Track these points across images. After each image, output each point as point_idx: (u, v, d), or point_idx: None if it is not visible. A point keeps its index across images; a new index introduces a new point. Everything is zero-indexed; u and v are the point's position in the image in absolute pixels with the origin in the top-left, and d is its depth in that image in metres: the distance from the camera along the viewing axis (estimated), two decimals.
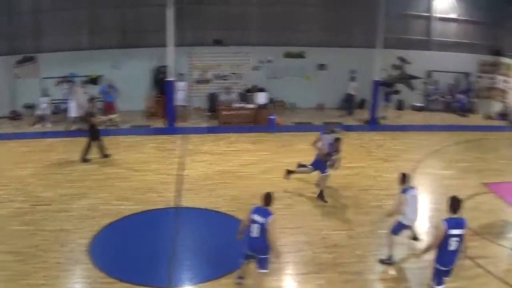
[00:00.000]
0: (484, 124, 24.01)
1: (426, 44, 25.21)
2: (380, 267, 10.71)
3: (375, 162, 17.28)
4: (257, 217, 8.82)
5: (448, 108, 25.40)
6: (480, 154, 18.96)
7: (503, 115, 24.95)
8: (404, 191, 10.51)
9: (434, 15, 25.08)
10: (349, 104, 23.84)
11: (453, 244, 8.44)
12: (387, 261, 10.78)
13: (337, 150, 14.02)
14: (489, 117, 25.04)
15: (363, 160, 17.08)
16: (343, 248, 11.45)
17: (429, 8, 25.02)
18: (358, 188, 14.70)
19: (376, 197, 14.31)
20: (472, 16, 25.54)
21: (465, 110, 25.22)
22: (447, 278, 8.84)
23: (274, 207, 9.14)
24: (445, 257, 8.59)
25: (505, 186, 15.90)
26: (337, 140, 13.94)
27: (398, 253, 11.00)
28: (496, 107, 25.85)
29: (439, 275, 8.76)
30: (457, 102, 25.42)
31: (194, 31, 22.72)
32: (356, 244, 11.63)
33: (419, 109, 25.17)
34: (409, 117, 23.87)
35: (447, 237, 8.40)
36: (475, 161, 18.17)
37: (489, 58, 26.15)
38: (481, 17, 25.55)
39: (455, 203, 8.56)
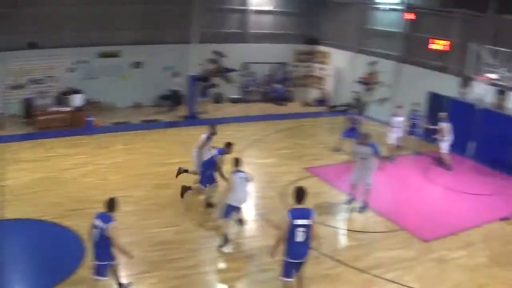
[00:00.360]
0: (302, 111, 24.83)
1: (242, 37, 25.43)
2: (214, 258, 10.63)
3: None
4: (98, 222, 8.26)
5: (266, 98, 25.87)
6: (300, 140, 19.46)
7: (320, 101, 26.07)
8: (233, 173, 10.92)
9: (250, 8, 25.36)
10: (174, 100, 23.27)
11: (299, 235, 8.18)
12: (225, 245, 10.89)
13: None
14: (307, 104, 25.99)
15: (182, 156, 16.56)
16: (172, 244, 11.10)
17: (244, 2, 25.23)
18: (180, 184, 14.14)
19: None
20: (286, 7, 26.31)
21: (282, 99, 25.88)
22: (297, 272, 8.60)
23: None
24: (292, 248, 8.32)
25: (325, 169, 16.56)
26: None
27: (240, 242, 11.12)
28: (314, 94, 26.99)
29: (287, 267, 8.49)
30: (274, 92, 25.99)
31: (7, 35, 20.63)
32: (185, 239, 11.35)
33: (237, 101, 25.35)
34: (227, 110, 23.90)
35: (293, 228, 8.16)
36: (295, 147, 18.59)
37: (304, 47, 27.19)
38: (296, 8, 26.42)
39: (299, 194, 8.41)
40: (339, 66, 26.14)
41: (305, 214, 8.25)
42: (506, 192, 15.86)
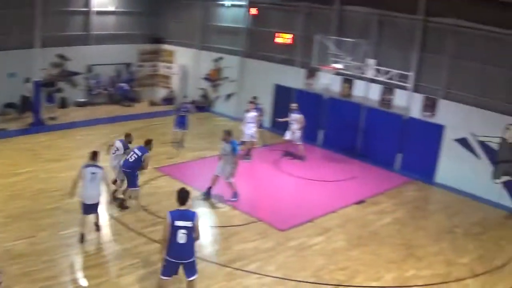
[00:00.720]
0: (150, 111, 24.66)
1: (86, 39, 24.55)
2: (73, 266, 10.23)
3: (46, 164, 16.08)
4: None
5: (112, 100, 25.23)
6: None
7: (168, 100, 26.17)
8: (85, 166, 11.00)
9: (92, 9, 24.60)
10: (22, 106, 21.93)
11: (180, 237, 8.15)
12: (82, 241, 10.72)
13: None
14: (154, 104, 25.95)
15: (32, 164, 15.80)
16: (28, 256, 10.41)
17: (87, 3, 24.41)
18: (31, 194, 13.49)
19: (52, 199, 13.22)
20: (129, 7, 25.85)
21: (129, 99, 25.43)
22: (186, 277, 8.58)
23: None
24: (173, 249, 8.26)
25: (176, 168, 16.68)
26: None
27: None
28: (161, 93, 27.00)
29: (166, 266, 8.43)
30: (120, 93, 25.40)
31: None
32: (42, 250, 10.72)
33: (83, 104, 24.44)
34: (74, 114, 22.86)
35: (174, 229, 8.15)
36: None
37: (149, 46, 26.98)
38: (139, 8, 26.12)
39: (180, 196, 8.43)
40: (184, 64, 26.34)
41: (186, 216, 8.25)
42: (358, 177, 17.26)
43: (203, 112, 24.68)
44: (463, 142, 16.76)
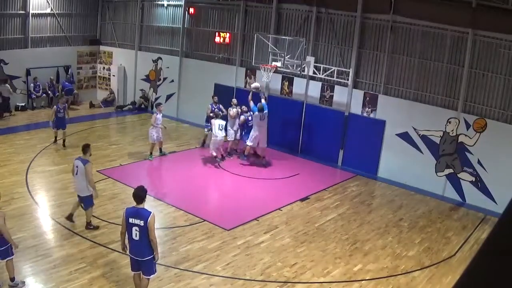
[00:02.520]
0: (90, 113, 24.01)
1: (23, 42, 23.69)
2: (21, 273, 9.49)
3: None
4: None
5: (52, 103, 24.49)
6: (90, 143, 18.76)
7: (108, 102, 25.54)
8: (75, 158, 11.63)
9: (30, 12, 23.67)
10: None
11: (134, 234, 8.25)
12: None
13: None
14: (94, 106, 25.27)
15: None
16: None
17: (24, 6, 23.47)
18: None
19: None
20: (67, 9, 25.11)
21: (69, 102, 24.71)
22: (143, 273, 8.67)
23: None
24: (130, 245, 8.48)
25: (118, 170, 16.27)
26: None
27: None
28: (100, 95, 26.36)
29: (131, 262, 8.70)
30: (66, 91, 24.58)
31: None
32: None
33: (23, 108, 23.58)
34: (14, 118, 22.08)
35: (128, 226, 8.29)
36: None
37: (87, 48, 26.35)
38: (76, 10, 25.47)
39: (136, 194, 8.39)
40: (123, 65, 25.85)
41: (139, 214, 8.24)
42: (302, 174, 17.30)
43: (143, 113, 24.24)
44: (405, 136, 17.04)
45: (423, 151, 16.72)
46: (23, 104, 23.49)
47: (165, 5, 23.96)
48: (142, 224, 8.19)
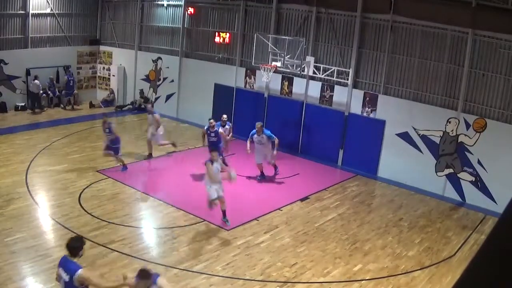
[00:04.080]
0: (90, 113, 23.96)
1: (23, 42, 23.65)
2: (21, 274, 9.62)
3: None
4: None
5: (52, 103, 24.50)
6: (90, 143, 18.83)
7: (108, 102, 25.53)
8: None
9: (30, 12, 23.64)
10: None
11: (62, 285, 7.11)
12: None
13: None
14: (94, 106, 25.25)
15: None
16: None
17: (24, 6, 23.45)
18: None
19: None
20: (66, 9, 25.05)
21: (69, 102, 24.74)
22: None
23: None
24: None
25: (118, 170, 16.17)
26: None
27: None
28: (100, 95, 26.34)
29: None
30: (61, 96, 24.68)
31: None
32: None
33: (23, 108, 23.58)
34: (14, 118, 22.07)
35: (59, 275, 7.17)
36: (86, 151, 17.91)
37: (87, 48, 26.29)
38: (76, 10, 25.39)
39: (69, 246, 7.25)
40: (123, 65, 25.82)
41: (67, 268, 7.06)
42: (302, 173, 17.29)
43: (143, 113, 24.17)
44: (405, 136, 17.03)
45: (423, 151, 16.71)
46: (23, 104, 23.47)
47: (165, 5, 23.92)
48: (67, 280, 6.97)
